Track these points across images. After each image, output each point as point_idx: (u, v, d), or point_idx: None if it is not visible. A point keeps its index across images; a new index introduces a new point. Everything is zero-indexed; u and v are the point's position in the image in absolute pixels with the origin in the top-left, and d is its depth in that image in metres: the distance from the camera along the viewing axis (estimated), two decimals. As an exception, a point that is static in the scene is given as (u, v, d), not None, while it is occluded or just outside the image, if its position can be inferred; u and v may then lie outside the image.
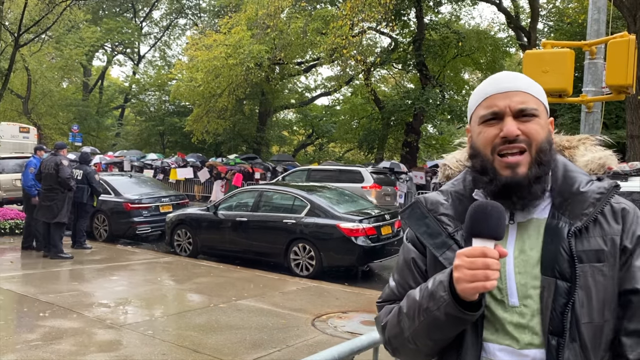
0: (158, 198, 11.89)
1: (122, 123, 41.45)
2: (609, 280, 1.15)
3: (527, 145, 1.18)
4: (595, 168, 1.30)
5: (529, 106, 1.20)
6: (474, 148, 1.26)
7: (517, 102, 1.20)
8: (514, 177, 1.17)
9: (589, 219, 1.17)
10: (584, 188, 1.20)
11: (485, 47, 25.74)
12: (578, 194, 1.20)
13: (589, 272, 1.14)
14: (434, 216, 1.28)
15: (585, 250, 1.15)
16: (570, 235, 1.16)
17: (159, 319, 5.87)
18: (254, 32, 21.18)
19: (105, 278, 7.85)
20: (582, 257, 1.15)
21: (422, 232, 1.28)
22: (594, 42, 5.14)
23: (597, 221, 1.18)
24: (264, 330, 5.47)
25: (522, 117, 1.19)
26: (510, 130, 1.17)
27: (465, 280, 1.08)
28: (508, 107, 1.20)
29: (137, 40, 39.76)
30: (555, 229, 1.17)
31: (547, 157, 1.21)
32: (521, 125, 1.19)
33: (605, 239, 1.16)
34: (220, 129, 26.32)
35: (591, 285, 1.14)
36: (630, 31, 14.94)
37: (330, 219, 8.51)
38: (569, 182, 1.23)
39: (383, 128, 26.79)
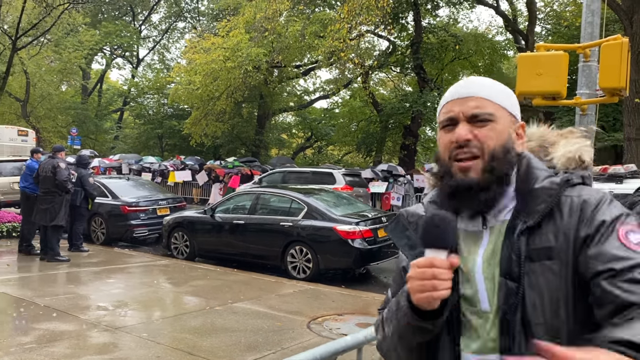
0: (155, 201, 11.90)
1: (121, 126, 41.45)
2: (561, 279, 1.10)
3: (479, 150, 1.17)
4: (565, 162, 1.24)
5: (483, 111, 1.19)
6: (436, 153, 1.28)
7: (471, 107, 1.19)
8: (464, 179, 1.18)
9: (540, 216, 1.14)
10: (539, 184, 1.18)
11: (483, 50, 25.79)
12: (532, 190, 1.18)
13: (539, 270, 1.11)
14: (413, 229, 1.29)
15: (536, 248, 1.12)
16: (521, 234, 1.14)
17: (155, 321, 5.87)
18: (252, 35, 21.21)
19: (101, 281, 7.85)
20: (532, 255, 1.12)
21: (403, 245, 1.31)
22: (587, 45, 5.15)
23: (552, 217, 1.14)
24: (259, 332, 5.48)
25: (477, 122, 1.19)
26: (459, 134, 1.18)
27: (415, 290, 1.09)
28: (461, 112, 1.20)
29: (136, 43, 39.81)
30: (511, 228, 1.16)
31: (501, 164, 1.18)
32: (475, 129, 1.18)
33: (557, 235, 1.12)
34: (218, 132, 26.34)
35: (542, 285, 1.10)
36: (626, 34, 15.00)
37: (327, 221, 8.52)
38: (528, 179, 1.20)
39: (381, 131, 26.81)
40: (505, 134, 1.20)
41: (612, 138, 20.34)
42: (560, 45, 5.49)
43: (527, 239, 1.14)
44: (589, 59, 5.20)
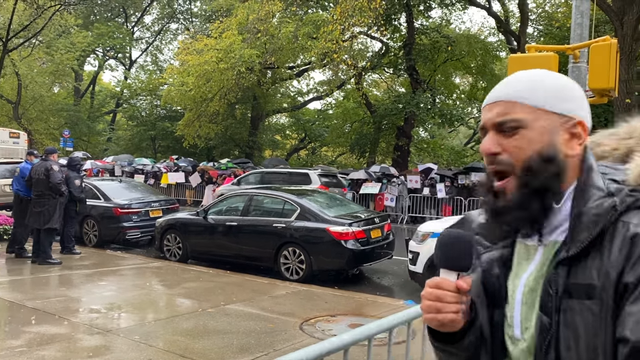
0: (148, 203, 11.85)
1: (114, 128, 41.32)
2: (601, 321, 0.94)
3: (508, 165, 1.02)
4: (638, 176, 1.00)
5: (509, 118, 1.02)
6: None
7: (496, 114, 1.04)
8: (496, 202, 1.05)
9: (581, 245, 0.97)
10: (587, 206, 0.99)
11: (476, 52, 25.89)
12: (581, 213, 0.99)
13: (577, 309, 0.96)
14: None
15: (577, 283, 0.97)
16: (560, 264, 0.99)
17: (147, 324, 5.85)
18: (245, 36, 21.22)
19: (93, 283, 7.81)
20: (572, 290, 0.97)
21: None
22: (577, 46, 5.19)
23: (601, 248, 0.96)
24: (252, 334, 5.47)
25: (504, 131, 1.03)
26: (483, 147, 1.05)
27: (424, 311, 1.04)
28: (488, 120, 1.06)
29: (128, 45, 39.72)
30: (557, 255, 1.02)
31: (539, 175, 1.01)
32: (503, 140, 1.03)
33: (599, 272, 0.94)
34: (212, 134, 26.33)
35: (579, 326, 0.95)
36: (617, 35, 15.10)
37: (320, 222, 8.52)
38: (582, 197, 1.01)
39: (375, 132, 26.87)
40: (542, 140, 1.01)
41: (604, 138, 20.46)
42: (550, 47, 5.53)
43: (569, 270, 0.98)
44: (578, 60, 5.23)
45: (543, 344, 0.99)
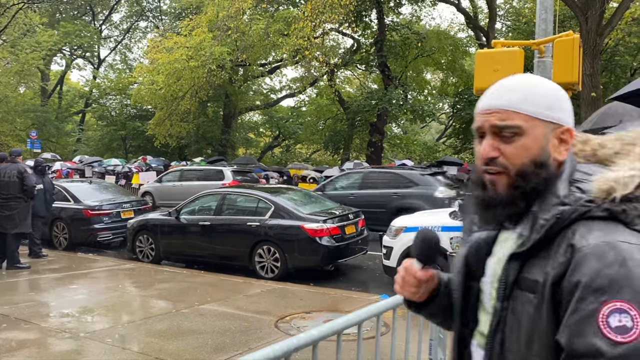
0: (119, 204, 11.67)
1: (83, 128, 40.46)
2: (539, 315, 1.03)
3: (504, 168, 1.11)
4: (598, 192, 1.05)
5: (508, 124, 1.10)
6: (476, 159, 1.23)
7: (496, 119, 1.12)
8: (490, 195, 1.14)
9: (530, 245, 1.07)
10: (539, 209, 1.09)
11: (446, 47, 26.22)
12: (535, 216, 1.08)
13: (522, 300, 1.07)
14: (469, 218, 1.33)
15: (525, 277, 1.07)
16: (514, 257, 1.10)
17: (120, 326, 5.77)
18: (215, 33, 21.03)
19: (64, 287, 7.66)
20: (520, 282, 1.08)
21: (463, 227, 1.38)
22: (541, 41, 5.29)
23: (549, 249, 1.05)
24: (226, 333, 5.44)
25: (502, 137, 1.11)
26: (484, 151, 1.13)
27: (396, 282, 1.34)
28: (487, 124, 1.13)
29: (96, 43, 38.92)
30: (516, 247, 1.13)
31: (530, 180, 1.10)
32: (501, 145, 1.11)
33: (543, 271, 1.04)
34: (183, 132, 26.04)
35: (522, 314, 1.06)
36: (582, 30, 15.46)
37: (294, 220, 8.51)
38: (543, 200, 1.10)
39: (348, 129, 26.97)
40: (536, 147, 1.10)
41: (571, 131, 20.93)
42: (516, 42, 5.62)
43: (522, 264, 1.09)
44: (543, 54, 5.33)
45: (494, 325, 1.13)
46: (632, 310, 0.92)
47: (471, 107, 25.97)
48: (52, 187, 10.15)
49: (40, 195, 9.66)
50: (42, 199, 9.72)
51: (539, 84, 1.14)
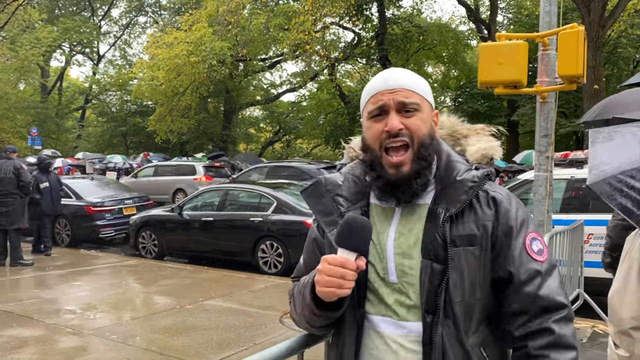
0: (121, 200, 11.66)
1: (83, 125, 40.48)
2: (480, 262, 1.23)
3: (409, 139, 1.25)
4: (479, 158, 1.36)
5: (411, 100, 1.26)
6: (364, 142, 1.33)
7: (401, 96, 1.26)
8: (398, 174, 1.25)
9: (462, 205, 1.23)
10: (460, 177, 1.27)
11: (447, 41, 26.12)
12: (455, 182, 1.27)
13: (462, 254, 1.22)
14: (330, 196, 1.36)
15: (459, 235, 1.22)
16: (445, 220, 1.23)
17: (124, 323, 5.76)
18: (215, 28, 20.97)
19: (68, 284, 7.66)
20: (455, 241, 1.22)
21: (317, 210, 1.37)
22: (546, 34, 5.24)
23: (472, 207, 1.25)
24: (231, 329, 5.44)
25: (405, 111, 1.26)
26: (393, 124, 1.25)
27: (321, 284, 1.18)
28: (392, 100, 1.26)
29: (96, 39, 38.88)
30: (434, 214, 1.25)
31: (429, 150, 1.27)
32: (404, 119, 1.25)
33: (477, 224, 1.24)
34: (184, 128, 26.02)
35: (464, 267, 1.21)
36: (584, 22, 15.38)
37: (297, 215, 8.50)
38: (449, 170, 1.29)
39: (349, 123, 26.89)
40: (429, 122, 1.30)
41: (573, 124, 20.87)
42: (520, 35, 5.57)
43: (450, 225, 1.23)
44: (547, 47, 5.29)
45: (434, 286, 1.20)
46: (538, 236, 1.28)
47: (473, 100, 25.94)
48: (58, 184, 10.11)
49: (46, 193, 9.64)
50: (49, 196, 9.70)
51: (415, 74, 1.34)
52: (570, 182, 6.64)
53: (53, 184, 9.86)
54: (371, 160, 1.29)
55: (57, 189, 10.00)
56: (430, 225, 1.24)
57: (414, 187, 1.25)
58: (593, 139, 1.86)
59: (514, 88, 5.21)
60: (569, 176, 6.67)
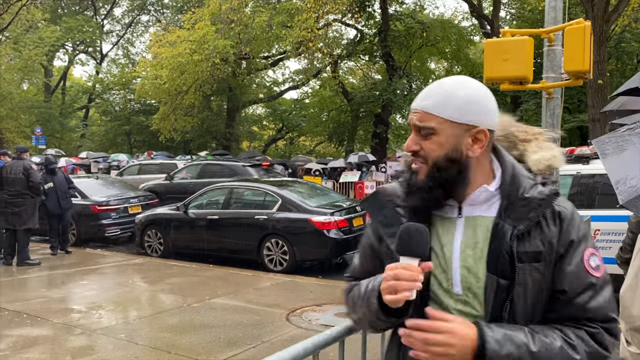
0: (126, 199, 11.70)
1: (87, 124, 40.51)
2: (543, 278, 1.26)
3: (424, 159, 1.29)
4: (543, 168, 1.37)
5: (425, 125, 1.28)
6: None
7: (416, 119, 1.30)
8: (415, 181, 1.31)
9: (531, 223, 1.25)
10: (528, 193, 1.29)
11: (450, 37, 26.00)
12: (522, 198, 1.28)
13: (528, 270, 1.24)
14: (391, 207, 1.36)
15: (526, 251, 1.24)
16: (513, 238, 1.24)
17: (132, 322, 5.79)
18: (218, 27, 20.95)
19: (75, 283, 7.70)
20: (522, 257, 1.24)
21: (379, 221, 1.38)
22: (551, 30, 5.22)
23: (539, 224, 1.26)
24: (239, 327, 5.46)
25: (421, 134, 1.30)
26: (407, 144, 1.32)
27: (388, 291, 1.20)
28: (411, 122, 1.32)
29: (99, 38, 38.86)
30: (501, 230, 1.26)
31: (444, 172, 1.28)
32: (421, 141, 1.29)
33: (543, 241, 1.26)
34: (188, 127, 26.01)
35: (528, 282, 1.24)
36: (588, 17, 15.31)
37: (302, 213, 8.51)
38: (515, 186, 1.30)
39: (352, 120, 26.88)
40: (448, 145, 1.28)
41: (577, 119, 20.82)
42: (525, 30, 5.56)
43: (517, 241, 1.25)
44: (553, 43, 5.26)
45: (500, 300, 1.23)
46: (596, 252, 1.30)
47: (476, 96, 25.80)
48: (66, 183, 10.06)
49: (51, 194, 9.67)
50: (54, 196, 9.72)
51: (463, 89, 1.30)
52: (576, 177, 6.62)
53: (58, 184, 9.86)
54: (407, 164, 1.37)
55: (64, 189, 9.98)
56: (496, 240, 1.26)
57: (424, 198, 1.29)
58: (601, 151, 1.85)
59: (520, 84, 5.20)
60: (575, 172, 6.65)
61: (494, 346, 1.16)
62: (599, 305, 1.24)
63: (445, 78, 1.36)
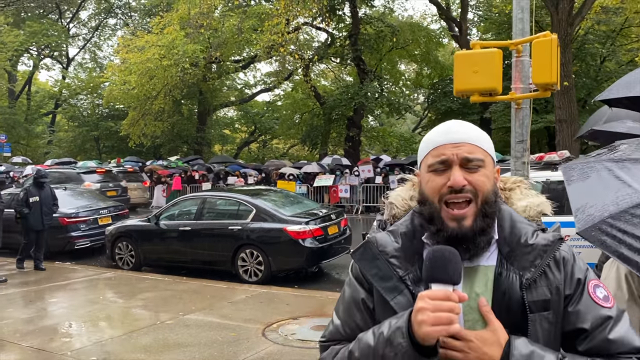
0: (96, 210, 11.46)
1: (54, 130, 39.55)
2: (553, 326, 1.22)
3: (473, 195, 1.21)
4: (534, 215, 1.33)
5: (476, 156, 1.22)
6: (422, 195, 1.28)
7: (465, 151, 1.22)
8: (460, 229, 1.20)
9: (538, 270, 1.21)
10: (532, 240, 1.24)
11: (419, 39, 26.28)
12: (526, 245, 1.24)
13: (537, 320, 1.20)
14: (385, 258, 1.27)
15: (534, 300, 1.20)
16: (523, 288, 1.20)
17: (103, 342, 5.65)
18: (187, 31, 20.72)
19: (44, 301, 7.49)
20: (531, 307, 1.20)
21: (373, 274, 1.27)
22: (519, 42, 5.30)
23: (544, 271, 1.22)
24: (214, 345, 5.38)
25: (469, 167, 1.22)
26: (457, 180, 1.20)
27: (429, 323, 1.07)
28: (456, 156, 1.22)
29: (64, 42, 37.98)
30: (505, 279, 1.21)
31: (493, 208, 1.23)
32: (468, 175, 1.21)
33: (550, 288, 1.21)
34: (158, 132, 25.67)
35: (539, 332, 1.20)
36: (553, 20, 15.66)
37: (276, 222, 8.46)
38: (516, 232, 1.26)
39: (325, 123, 26.90)
40: (492, 179, 1.25)
41: (545, 119, 21.25)
42: (493, 43, 5.62)
43: (525, 291, 1.20)
44: (521, 54, 5.35)
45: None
46: (600, 283, 1.28)
47: (446, 98, 26.15)
48: (51, 199, 9.76)
49: (35, 208, 9.39)
50: (38, 211, 9.43)
51: (475, 127, 1.30)
52: (546, 184, 6.73)
53: (44, 199, 9.54)
54: (430, 213, 1.24)
55: (49, 204, 9.68)
56: (501, 291, 1.21)
57: (478, 243, 1.21)
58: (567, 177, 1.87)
59: (490, 96, 5.26)
60: (544, 179, 6.77)
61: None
62: (620, 336, 1.20)
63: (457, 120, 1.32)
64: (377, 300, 1.28)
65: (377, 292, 1.27)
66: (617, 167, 1.78)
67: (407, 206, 1.40)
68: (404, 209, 1.40)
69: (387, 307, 1.24)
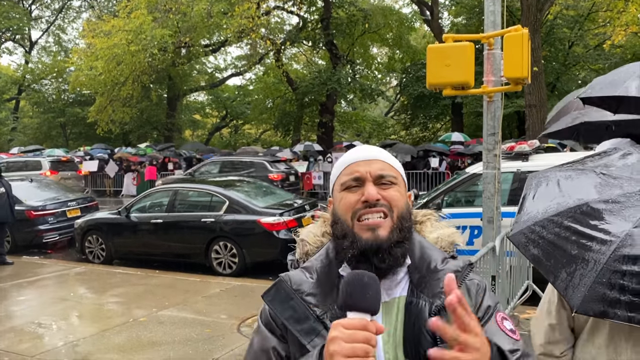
0: (64, 202, 11.18)
1: (18, 116, 38.37)
2: None
3: (387, 210, 1.19)
4: (446, 245, 1.31)
5: (389, 173, 1.23)
6: (335, 215, 1.25)
7: (377, 168, 1.23)
8: (375, 239, 1.16)
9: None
10: (441, 266, 1.21)
11: (391, 23, 26.24)
12: (435, 271, 1.20)
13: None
14: (300, 297, 1.19)
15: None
16: (432, 314, 1.13)
17: (74, 343, 5.54)
18: (155, 15, 20.22)
19: (11, 299, 7.30)
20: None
21: (287, 317, 1.18)
22: (491, 35, 5.31)
23: None
24: (189, 343, 5.33)
25: (382, 183, 1.22)
26: (371, 193, 1.18)
27: (342, 354, 0.96)
28: (369, 172, 1.22)
29: (26, 25, 36.73)
30: (415, 308, 1.16)
31: (409, 222, 1.23)
32: (381, 190, 1.20)
33: None
34: (126, 118, 25.16)
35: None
36: (523, 6, 15.79)
37: (250, 214, 8.40)
38: (425, 259, 1.23)
39: (298, 109, 26.78)
40: (405, 198, 1.26)
41: (515, 104, 21.55)
42: (465, 36, 5.63)
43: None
44: (492, 47, 5.38)
45: None
46: (507, 317, 1.26)
47: (418, 83, 26.23)
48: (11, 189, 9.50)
49: (3, 200, 9.10)
50: (6, 203, 9.14)
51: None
52: (517, 174, 6.83)
53: (8, 190, 9.27)
54: (342, 230, 1.20)
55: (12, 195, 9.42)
56: (411, 321, 1.14)
57: (394, 253, 1.16)
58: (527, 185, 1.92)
59: (462, 89, 5.27)
60: (515, 169, 6.86)
61: None
62: None
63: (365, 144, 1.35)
64: (293, 346, 1.18)
65: (293, 337, 1.17)
66: (563, 177, 1.83)
67: (319, 243, 1.34)
68: (316, 246, 1.33)
69: (304, 352, 1.14)
